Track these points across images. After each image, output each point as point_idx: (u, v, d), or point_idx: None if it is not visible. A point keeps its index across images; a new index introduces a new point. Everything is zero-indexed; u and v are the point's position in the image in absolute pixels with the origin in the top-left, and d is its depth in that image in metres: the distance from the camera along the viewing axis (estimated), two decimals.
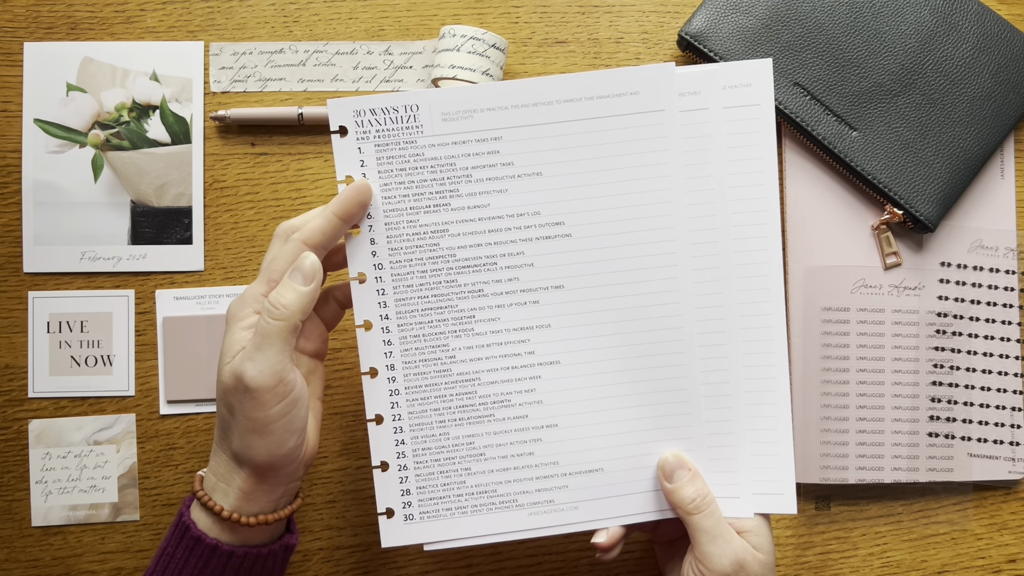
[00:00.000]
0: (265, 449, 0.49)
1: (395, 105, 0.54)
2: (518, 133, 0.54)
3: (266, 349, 0.48)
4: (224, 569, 0.51)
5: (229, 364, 0.49)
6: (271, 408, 0.48)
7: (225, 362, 0.49)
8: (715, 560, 0.51)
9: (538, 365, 0.55)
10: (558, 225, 0.54)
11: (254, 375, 0.48)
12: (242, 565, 0.51)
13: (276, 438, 0.49)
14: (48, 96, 0.65)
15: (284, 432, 0.49)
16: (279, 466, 0.50)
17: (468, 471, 0.55)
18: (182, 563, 0.51)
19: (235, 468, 0.51)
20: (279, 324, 0.48)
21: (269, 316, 0.49)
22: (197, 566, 0.51)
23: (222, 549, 0.50)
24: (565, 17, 0.68)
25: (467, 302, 0.55)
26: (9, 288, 0.65)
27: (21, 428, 0.65)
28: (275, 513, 0.52)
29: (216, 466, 0.52)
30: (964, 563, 0.67)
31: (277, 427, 0.49)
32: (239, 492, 0.51)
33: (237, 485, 0.51)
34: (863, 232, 0.66)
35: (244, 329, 0.50)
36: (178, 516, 0.52)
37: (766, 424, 0.55)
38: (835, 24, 0.65)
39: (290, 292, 0.49)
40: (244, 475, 0.50)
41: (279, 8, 0.67)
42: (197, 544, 0.51)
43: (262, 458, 0.49)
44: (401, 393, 0.55)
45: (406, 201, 0.54)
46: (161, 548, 0.52)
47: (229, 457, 0.51)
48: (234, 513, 0.50)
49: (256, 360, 0.48)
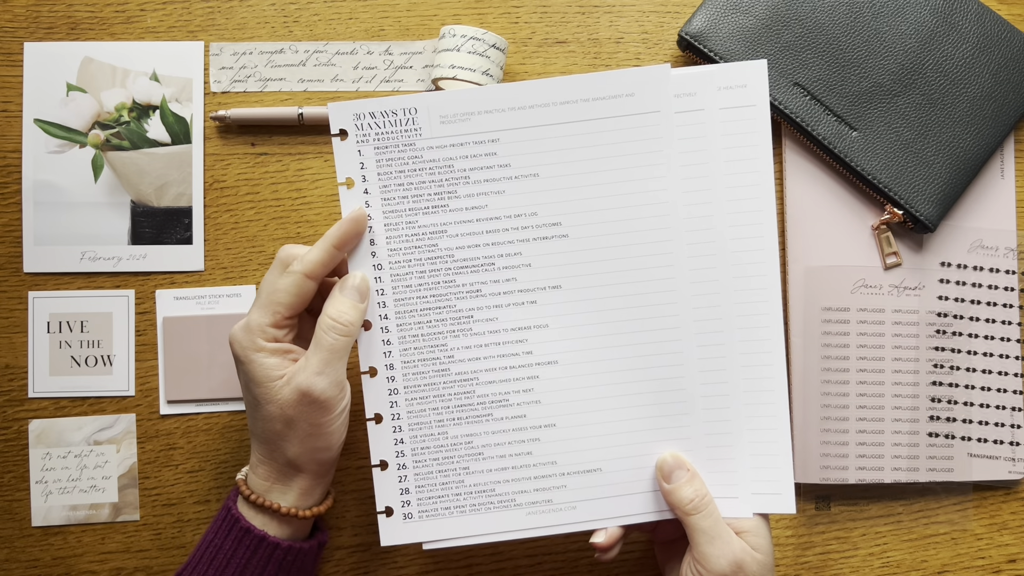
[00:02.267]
0: (328, 447, 0.54)
1: (394, 108, 0.54)
2: (515, 135, 0.54)
3: (334, 363, 0.52)
4: (269, 560, 0.55)
5: (283, 381, 0.52)
6: (334, 412, 0.53)
7: (271, 385, 0.52)
8: (713, 561, 0.51)
9: (536, 365, 0.55)
10: (555, 226, 0.55)
11: (324, 388, 0.52)
12: (285, 558, 0.55)
13: (336, 437, 0.54)
14: (48, 96, 0.65)
15: (342, 429, 0.55)
16: (334, 460, 0.56)
17: (467, 470, 0.55)
18: (231, 553, 0.55)
19: (292, 472, 0.55)
20: (345, 340, 0.52)
21: (336, 333, 0.52)
22: (245, 556, 0.54)
23: (269, 540, 0.54)
24: (565, 17, 0.68)
25: (465, 302, 0.55)
26: (9, 288, 0.65)
27: (21, 428, 0.65)
28: (322, 505, 0.57)
29: (267, 473, 0.55)
30: (964, 563, 0.67)
31: (337, 427, 0.54)
32: (299, 491, 0.55)
33: (298, 485, 0.55)
34: (863, 232, 0.66)
35: (271, 356, 0.53)
36: (225, 511, 0.56)
37: (764, 424, 0.55)
38: (835, 24, 0.65)
39: (352, 310, 0.53)
40: (304, 476, 0.55)
41: (279, 8, 0.67)
42: (246, 535, 0.54)
43: (325, 456, 0.54)
44: (400, 392, 0.55)
45: (405, 203, 0.55)
46: (207, 541, 0.56)
47: (282, 464, 0.55)
48: (292, 508, 0.55)
49: (326, 375, 0.52)
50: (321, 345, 0.52)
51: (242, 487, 0.55)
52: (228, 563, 0.55)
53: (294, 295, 0.52)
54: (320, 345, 0.52)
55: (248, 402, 0.55)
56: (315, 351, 0.52)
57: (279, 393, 0.52)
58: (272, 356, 0.53)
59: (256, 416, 0.54)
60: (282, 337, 0.54)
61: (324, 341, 0.52)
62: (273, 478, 0.55)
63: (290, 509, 0.55)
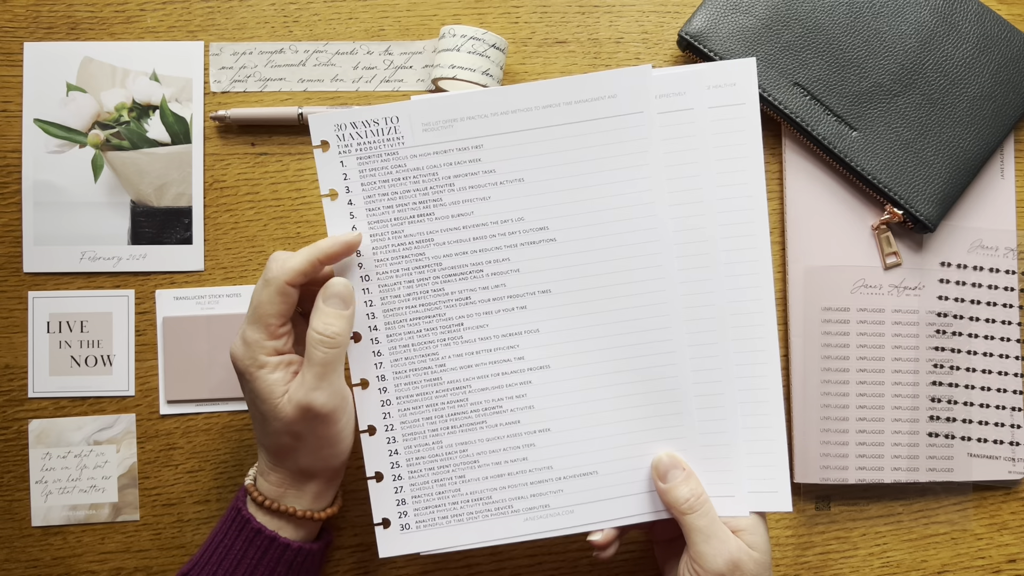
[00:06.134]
0: (339, 454, 0.54)
1: (375, 118, 0.54)
2: (499, 140, 0.54)
3: (329, 376, 0.52)
4: (279, 561, 0.55)
5: (286, 399, 0.52)
6: (340, 421, 0.53)
7: (275, 402, 0.52)
8: (710, 560, 0.51)
9: (528, 370, 0.55)
10: (542, 230, 0.54)
11: (324, 402, 0.52)
12: (295, 559, 0.55)
13: (345, 444, 0.54)
14: (48, 96, 0.66)
15: (350, 436, 0.55)
16: (345, 463, 0.56)
17: (462, 479, 0.55)
18: (241, 554, 0.55)
19: (305, 478, 0.55)
20: (336, 351, 0.52)
21: (325, 347, 0.52)
22: (255, 557, 0.54)
23: (279, 541, 0.54)
24: (565, 17, 0.68)
25: (455, 310, 0.55)
26: (9, 288, 0.65)
27: (21, 428, 0.65)
28: (334, 505, 0.58)
29: (279, 480, 0.55)
30: (964, 563, 0.67)
31: (345, 434, 0.54)
32: (312, 495, 0.56)
33: (311, 490, 0.55)
34: (863, 232, 0.66)
35: (274, 371, 0.52)
36: (234, 512, 0.56)
37: (760, 422, 0.55)
38: (835, 24, 0.65)
39: (337, 320, 0.52)
40: (317, 480, 0.55)
41: (279, 8, 0.67)
42: (257, 536, 0.54)
43: (337, 462, 0.55)
44: (392, 403, 0.55)
45: (390, 212, 0.54)
46: (215, 542, 0.56)
47: (294, 472, 0.55)
48: (307, 511, 0.55)
49: (323, 389, 0.52)
50: (313, 360, 0.52)
51: (254, 493, 0.55)
52: (238, 564, 0.55)
53: (279, 304, 0.52)
54: (312, 360, 0.52)
55: (254, 416, 0.55)
56: (308, 367, 0.52)
57: (283, 411, 0.52)
58: (275, 371, 0.52)
59: (264, 431, 0.54)
60: (282, 347, 0.53)
61: (315, 356, 0.52)
62: (287, 484, 0.55)
63: (306, 512, 0.55)
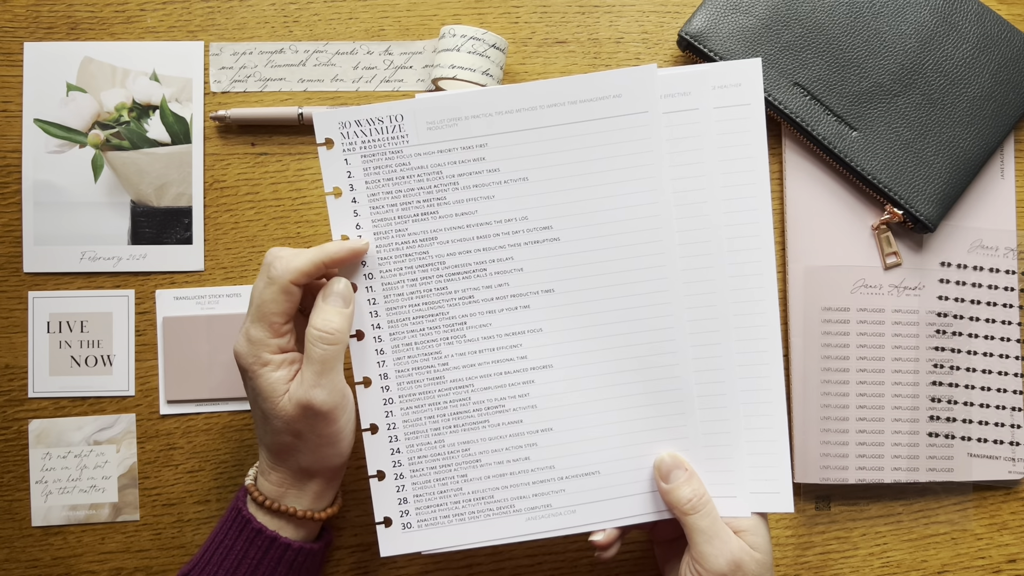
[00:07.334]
0: (339, 454, 0.54)
1: (380, 116, 0.54)
2: (503, 139, 0.54)
3: (328, 373, 0.52)
4: (280, 561, 0.55)
5: (287, 398, 0.52)
6: (340, 420, 0.53)
7: (276, 401, 0.52)
8: (712, 560, 0.51)
9: (531, 370, 0.55)
10: (546, 229, 0.54)
11: (324, 399, 0.51)
12: (296, 559, 0.55)
13: (346, 444, 0.54)
14: (48, 96, 0.66)
15: (350, 435, 0.55)
16: (345, 463, 0.56)
17: (465, 478, 0.55)
18: (242, 554, 0.55)
19: (306, 478, 0.55)
20: (335, 348, 0.52)
21: (325, 344, 0.52)
22: (256, 557, 0.54)
23: (280, 541, 0.54)
24: (565, 17, 0.68)
25: (458, 309, 0.55)
26: (9, 288, 0.65)
27: (21, 428, 0.65)
28: (335, 505, 0.58)
29: (280, 479, 0.55)
30: (964, 563, 0.67)
31: (346, 432, 0.54)
32: (313, 495, 0.56)
33: (312, 490, 0.55)
34: (863, 232, 0.66)
35: (277, 369, 0.52)
36: (235, 512, 0.56)
37: (762, 423, 0.55)
38: (835, 24, 0.65)
39: (337, 317, 0.52)
40: (317, 480, 0.55)
41: (279, 8, 0.67)
42: (258, 536, 0.54)
43: (337, 461, 0.55)
44: (395, 402, 0.55)
45: (394, 210, 0.54)
46: (216, 543, 0.56)
47: (294, 471, 0.55)
48: (307, 511, 0.55)
49: (323, 386, 0.51)
50: (312, 358, 0.52)
51: (254, 493, 0.55)
52: (239, 564, 0.55)
53: (283, 302, 0.52)
54: (311, 358, 0.52)
55: (256, 415, 0.55)
56: (308, 364, 0.52)
57: (284, 409, 0.52)
58: (279, 369, 0.52)
59: (265, 429, 0.54)
60: (286, 344, 0.53)
61: (314, 353, 0.52)
62: (287, 484, 0.55)
63: (306, 512, 0.55)
